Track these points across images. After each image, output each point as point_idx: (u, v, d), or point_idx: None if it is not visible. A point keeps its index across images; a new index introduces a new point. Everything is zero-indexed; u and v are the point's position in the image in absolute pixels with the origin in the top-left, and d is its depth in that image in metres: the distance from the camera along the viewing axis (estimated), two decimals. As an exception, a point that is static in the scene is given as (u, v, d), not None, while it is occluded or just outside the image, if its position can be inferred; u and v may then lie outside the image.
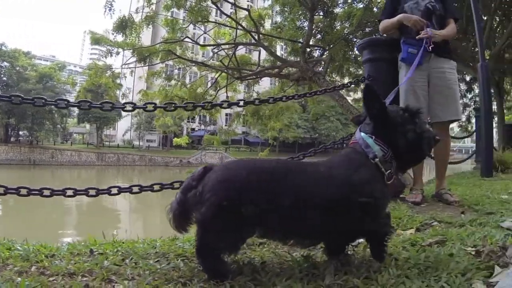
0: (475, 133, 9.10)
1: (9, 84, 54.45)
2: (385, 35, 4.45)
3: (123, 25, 14.46)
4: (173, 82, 18.10)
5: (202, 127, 66.14)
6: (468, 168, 9.41)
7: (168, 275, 1.75)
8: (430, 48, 3.80)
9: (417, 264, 1.75)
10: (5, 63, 54.72)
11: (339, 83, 20.19)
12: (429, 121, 4.12)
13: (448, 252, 1.90)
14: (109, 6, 14.27)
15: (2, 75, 55.75)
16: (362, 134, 1.84)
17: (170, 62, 17.43)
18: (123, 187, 3.07)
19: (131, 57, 16.06)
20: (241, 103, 3.87)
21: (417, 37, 3.83)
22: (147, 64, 16.38)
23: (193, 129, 68.92)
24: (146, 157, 57.65)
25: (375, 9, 15.07)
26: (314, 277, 1.64)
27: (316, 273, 1.68)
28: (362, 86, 4.39)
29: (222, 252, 1.71)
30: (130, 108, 3.29)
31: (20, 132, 61.08)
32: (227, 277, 1.64)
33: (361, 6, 15.65)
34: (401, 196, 4.05)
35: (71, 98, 57.19)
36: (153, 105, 3.34)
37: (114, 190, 2.92)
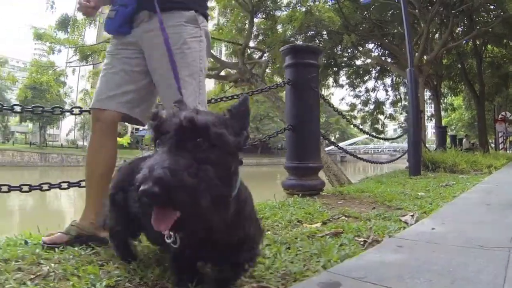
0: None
1: None
2: None
3: (66, 22, 14.26)
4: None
5: (146, 127, 65.54)
6: (403, 167, 9.86)
7: (89, 258, 1.95)
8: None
9: (306, 252, 1.92)
10: None
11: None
12: None
13: (339, 242, 2.09)
14: (51, 4, 14.16)
15: None
16: None
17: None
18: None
19: (73, 55, 15.85)
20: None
21: None
22: (89, 63, 16.14)
23: (137, 129, 67.68)
24: (90, 158, 55.52)
25: (316, 13, 15.50)
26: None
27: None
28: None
29: (125, 237, 1.88)
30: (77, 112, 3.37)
31: (-43, 131, 58.44)
32: (135, 259, 1.83)
33: (303, 10, 16.11)
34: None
35: (13, 95, 55.32)
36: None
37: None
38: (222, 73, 16.77)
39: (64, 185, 3.03)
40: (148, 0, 2.23)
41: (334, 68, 20.43)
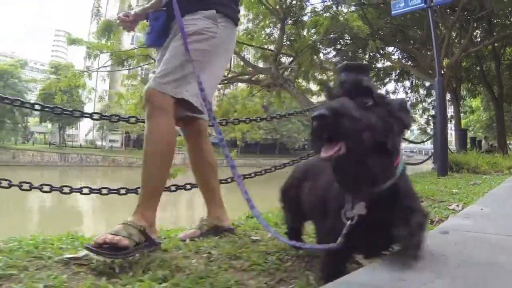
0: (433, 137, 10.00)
1: None
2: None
3: (108, 29, 14.84)
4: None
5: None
6: (428, 168, 10.41)
7: (234, 244, 2.38)
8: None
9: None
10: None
11: (305, 88, 21.21)
12: None
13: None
14: (96, 12, 14.82)
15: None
16: None
17: (146, 66, 17.84)
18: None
19: (108, 59, 16.58)
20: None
21: None
22: (125, 68, 16.78)
23: None
24: (109, 158, 56.52)
25: (340, 19, 16.05)
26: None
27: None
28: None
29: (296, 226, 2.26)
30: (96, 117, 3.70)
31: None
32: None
33: (328, 15, 16.66)
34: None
35: (33, 96, 56.39)
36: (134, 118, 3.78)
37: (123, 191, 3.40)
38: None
39: (104, 191, 3.33)
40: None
41: (356, 71, 20.84)
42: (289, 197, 2.14)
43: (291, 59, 17.85)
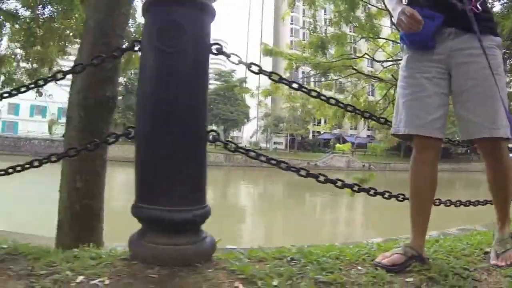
0: None
1: (129, 89, 55.38)
2: None
3: (322, 44, 15.48)
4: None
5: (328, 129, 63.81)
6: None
7: None
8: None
9: None
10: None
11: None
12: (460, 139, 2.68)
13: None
14: (313, 29, 15.67)
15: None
16: None
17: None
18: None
19: (310, 71, 17.42)
20: None
21: None
22: (328, 79, 17.38)
23: (318, 132, 67.08)
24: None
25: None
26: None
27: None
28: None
29: None
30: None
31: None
32: None
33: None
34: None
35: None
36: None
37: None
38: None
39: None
40: (456, 17, 2.10)
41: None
42: None
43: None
